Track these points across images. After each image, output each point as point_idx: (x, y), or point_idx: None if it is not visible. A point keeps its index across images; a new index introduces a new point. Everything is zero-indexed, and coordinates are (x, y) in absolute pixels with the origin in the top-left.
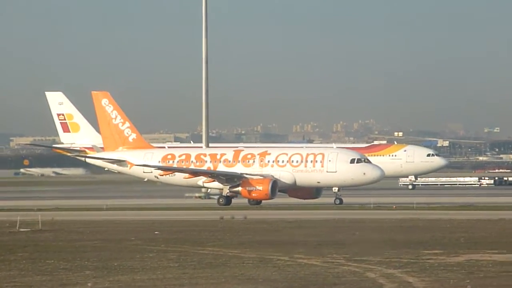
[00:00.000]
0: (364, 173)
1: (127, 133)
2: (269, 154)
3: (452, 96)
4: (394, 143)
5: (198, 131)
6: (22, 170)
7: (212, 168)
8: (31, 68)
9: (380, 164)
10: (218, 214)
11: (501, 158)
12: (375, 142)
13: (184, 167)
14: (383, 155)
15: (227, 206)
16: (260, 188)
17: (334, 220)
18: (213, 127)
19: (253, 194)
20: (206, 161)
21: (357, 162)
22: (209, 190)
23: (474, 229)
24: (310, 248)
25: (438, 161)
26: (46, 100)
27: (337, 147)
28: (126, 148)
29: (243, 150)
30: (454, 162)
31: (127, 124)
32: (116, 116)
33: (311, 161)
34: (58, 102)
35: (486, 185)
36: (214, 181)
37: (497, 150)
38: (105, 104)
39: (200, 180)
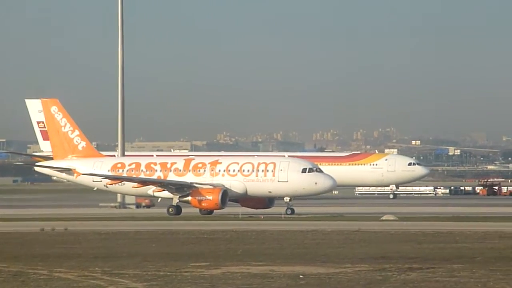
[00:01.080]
0: (316, 183)
1: (77, 141)
2: (220, 163)
3: (478, 105)
4: (375, 152)
5: (217, 139)
6: None
7: (162, 177)
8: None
9: (361, 173)
10: (108, 225)
11: (508, 167)
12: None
13: (134, 176)
14: (364, 164)
15: (177, 216)
16: (210, 197)
17: (148, 232)
18: (234, 135)
19: (203, 204)
20: (156, 170)
21: (308, 172)
22: (159, 199)
23: (283, 241)
24: (82, 261)
25: (419, 170)
26: (26, 107)
27: (288, 156)
28: (76, 156)
29: (194, 159)
30: (460, 171)
31: (77, 132)
32: (65, 124)
33: (262, 170)
34: (38, 110)
35: (442, 194)
36: (163, 190)
37: (509, 159)
38: (54, 111)
39: (150, 190)
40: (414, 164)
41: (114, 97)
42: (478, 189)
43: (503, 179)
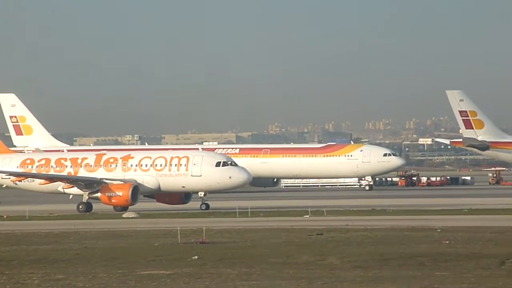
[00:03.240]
0: (230, 177)
1: None
2: (132, 158)
3: None
4: (351, 143)
5: (268, 130)
6: None
7: (72, 173)
8: None
9: (336, 164)
10: None
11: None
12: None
13: (43, 172)
14: (339, 156)
15: (87, 213)
16: (120, 193)
17: None
18: (286, 125)
19: (113, 200)
20: (66, 166)
21: (222, 165)
22: (70, 196)
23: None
24: None
25: (394, 161)
26: None
27: (202, 150)
28: None
29: (105, 154)
30: (418, 160)
31: None
32: None
33: (175, 165)
34: (10, 104)
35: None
36: (73, 186)
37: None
38: None
39: (60, 186)
40: (389, 155)
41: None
42: (396, 180)
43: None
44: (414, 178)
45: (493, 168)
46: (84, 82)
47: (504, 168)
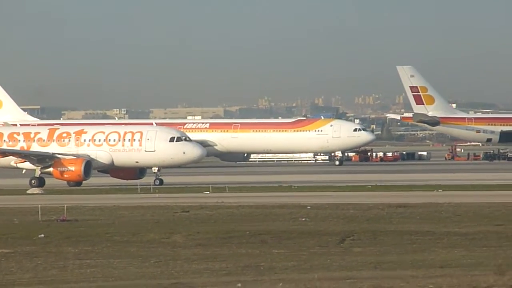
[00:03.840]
0: (184, 152)
1: None
2: (86, 132)
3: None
4: (321, 117)
5: (257, 105)
6: None
7: (25, 148)
8: None
9: (306, 139)
10: None
11: None
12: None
13: None
14: (309, 130)
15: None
16: (73, 168)
17: None
18: (275, 100)
19: (65, 175)
20: (19, 140)
21: (176, 141)
22: (23, 171)
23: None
24: None
25: (365, 136)
26: None
27: (156, 125)
28: None
29: (58, 129)
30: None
31: None
32: None
33: (129, 140)
34: None
35: (321, 161)
36: (25, 161)
37: None
38: None
39: (13, 161)
40: (359, 130)
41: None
42: (351, 155)
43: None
44: (368, 153)
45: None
46: (74, 56)
47: (472, 143)
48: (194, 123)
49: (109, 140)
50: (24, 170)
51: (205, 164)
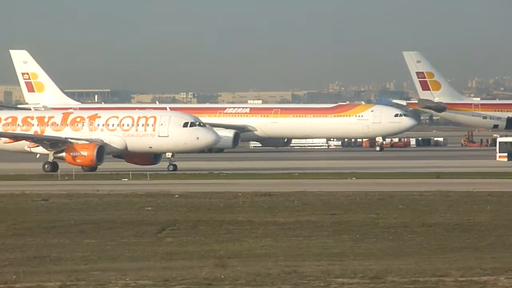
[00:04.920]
0: (198, 138)
1: None
2: (99, 117)
3: None
4: (361, 103)
5: (328, 89)
6: None
7: (39, 132)
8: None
9: (346, 125)
10: None
11: None
12: (342, 103)
13: (10, 131)
14: (349, 116)
15: (54, 173)
16: (85, 153)
17: None
18: (346, 84)
19: (78, 160)
20: (33, 125)
21: (190, 126)
22: (37, 155)
23: None
24: None
25: (406, 122)
26: (11, 58)
27: (171, 110)
28: None
29: (72, 113)
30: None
31: None
32: None
33: (143, 125)
34: (22, 61)
35: (334, 147)
36: (38, 146)
37: None
38: None
39: (26, 145)
40: (400, 115)
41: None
42: (363, 141)
43: None
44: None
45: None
46: (143, 39)
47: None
48: (234, 107)
49: (123, 125)
50: (38, 155)
51: (245, 150)
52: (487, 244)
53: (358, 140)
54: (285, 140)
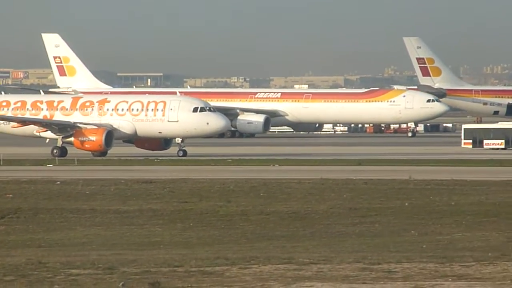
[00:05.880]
0: (208, 123)
1: None
2: (109, 101)
3: None
4: (393, 88)
5: (383, 74)
6: None
7: (48, 117)
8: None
9: (378, 110)
10: None
11: None
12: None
13: (19, 115)
14: (381, 101)
15: (62, 158)
16: (94, 138)
17: None
18: (401, 69)
19: (86, 145)
20: (42, 109)
21: (200, 111)
22: (47, 140)
23: None
24: None
25: (438, 107)
26: (43, 42)
27: (180, 95)
28: None
29: (82, 97)
30: None
31: None
32: None
33: (152, 110)
34: (54, 45)
35: (341, 132)
36: (47, 130)
37: None
38: None
39: (35, 130)
40: (433, 101)
41: None
42: (366, 126)
43: None
44: (383, 125)
45: None
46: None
47: None
48: (265, 92)
49: (132, 109)
50: (47, 140)
51: (275, 135)
52: (308, 232)
53: (365, 125)
54: (316, 125)
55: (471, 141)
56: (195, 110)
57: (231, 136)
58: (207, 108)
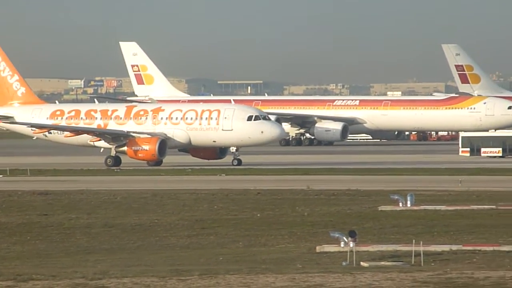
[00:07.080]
0: (262, 132)
1: (16, 87)
2: (163, 110)
3: None
4: (474, 95)
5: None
6: None
7: (102, 126)
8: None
9: (458, 117)
10: None
11: None
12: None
13: (73, 124)
14: (461, 108)
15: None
16: (147, 148)
17: None
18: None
19: (139, 155)
20: (96, 118)
21: (254, 119)
22: (101, 149)
23: None
24: None
25: None
26: (120, 50)
27: (234, 103)
28: (18, 103)
29: (136, 106)
30: None
31: (16, 77)
32: (4, 68)
33: (206, 118)
34: (132, 53)
35: (379, 140)
36: (100, 140)
37: None
38: None
39: (89, 139)
40: None
41: None
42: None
43: None
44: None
45: None
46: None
47: None
48: (343, 99)
49: (186, 118)
50: (102, 149)
51: (352, 143)
52: (136, 245)
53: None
54: (395, 132)
55: (468, 149)
56: (249, 118)
57: (309, 144)
58: (262, 116)
